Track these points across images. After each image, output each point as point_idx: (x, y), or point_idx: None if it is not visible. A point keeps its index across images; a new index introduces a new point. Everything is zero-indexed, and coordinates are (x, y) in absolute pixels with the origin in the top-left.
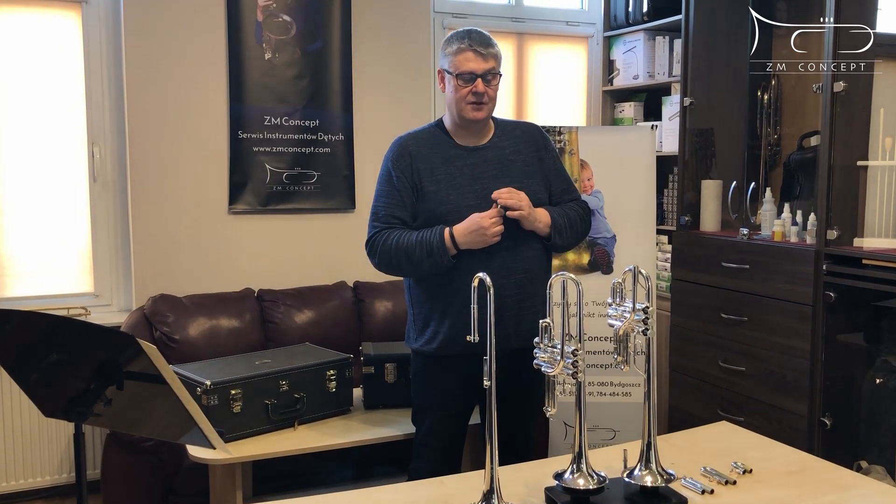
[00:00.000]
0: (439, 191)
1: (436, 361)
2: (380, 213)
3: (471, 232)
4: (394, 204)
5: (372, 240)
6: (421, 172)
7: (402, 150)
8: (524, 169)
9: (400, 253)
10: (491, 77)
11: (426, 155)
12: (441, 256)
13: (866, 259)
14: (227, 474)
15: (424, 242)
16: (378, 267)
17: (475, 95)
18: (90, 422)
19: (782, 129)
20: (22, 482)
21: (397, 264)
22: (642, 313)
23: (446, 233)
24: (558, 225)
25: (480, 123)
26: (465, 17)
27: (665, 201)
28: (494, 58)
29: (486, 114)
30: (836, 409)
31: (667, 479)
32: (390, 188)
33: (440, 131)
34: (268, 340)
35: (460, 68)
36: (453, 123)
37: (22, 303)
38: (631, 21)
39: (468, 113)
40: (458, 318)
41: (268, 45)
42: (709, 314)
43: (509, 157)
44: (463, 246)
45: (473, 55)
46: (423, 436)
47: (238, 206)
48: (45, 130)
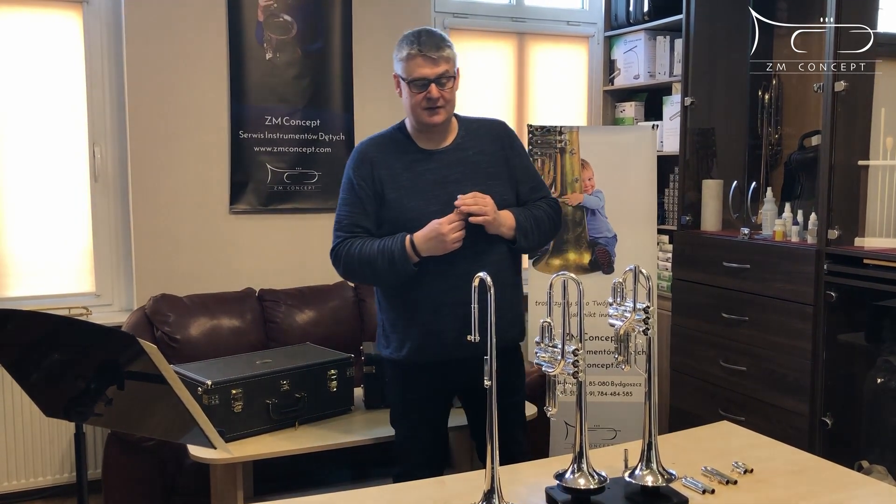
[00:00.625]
0: (402, 198)
1: (407, 369)
2: (343, 222)
3: (430, 239)
4: (356, 213)
5: (336, 249)
6: (383, 179)
7: (363, 157)
8: (488, 170)
9: (363, 263)
10: (445, 80)
11: (388, 161)
12: (403, 265)
13: (867, 259)
14: (228, 474)
15: (386, 251)
16: (344, 276)
17: (429, 101)
18: (91, 422)
19: (783, 128)
20: (23, 482)
21: (361, 274)
22: (643, 313)
23: (407, 240)
24: (523, 227)
25: (440, 127)
26: (465, 16)
27: (666, 201)
28: (447, 60)
29: (443, 117)
30: (837, 409)
31: (668, 479)
32: (352, 197)
33: (402, 135)
34: (269, 340)
35: (412, 75)
36: (414, 128)
37: (23, 303)
38: (632, 21)
39: (425, 118)
40: (424, 327)
41: (269, 44)
42: (710, 314)
43: (473, 158)
44: (424, 253)
45: (423, 60)
46: (403, 440)
47: (239, 205)
48: (46, 130)
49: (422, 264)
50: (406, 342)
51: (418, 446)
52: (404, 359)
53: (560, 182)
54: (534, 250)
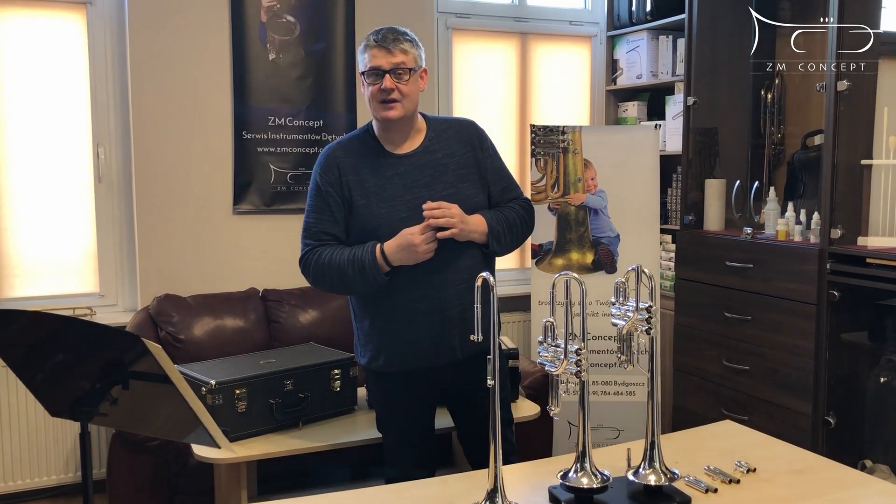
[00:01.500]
0: (370, 204)
1: (385, 378)
2: (311, 229)
3: (402, 249)
4: (325, 220)
5: (304, 258)
6: (350, 185)
7: (330, 162)
8: (458, 172)
9: (333, 272)
10: (401, 72)
11: (355, 165)
12: (374, 274)
13: (870, 258)
14: (232, 473)
15: (356, 260)
16: (314, 285)
17: (383, 92)
18: (96, 421)
19: (786, 127)
20: (28, 481)
21: (331, 283)
22: (646, 312)
23: (377, 249)
24: (495, 231)
25: (397, 123)
26: (468, 16)
27: (669, 200)
28: (404, 52)
29: (399, 112)
30: (840, 408)
31: (670, 478)
32: (320, 203)
33: (369, 137)
34: (272, 340)
35: (367, 66)
36: (378, 128)
37: (27, 303)
38: (634, 20)
39: (380, 112)
40: (399, 336)
41: (272, 45)
42: (712, 313)
43: (441, 161)
44: (395, 263)
45: (378, 51)
46: (391, 444)
47: (242, 206)
48: (49, 131)
49: (393, 273)
50: (382, 352)
51: (407, 449)
52: (381, 368)
53: (563, 182)
54: (507, 253)
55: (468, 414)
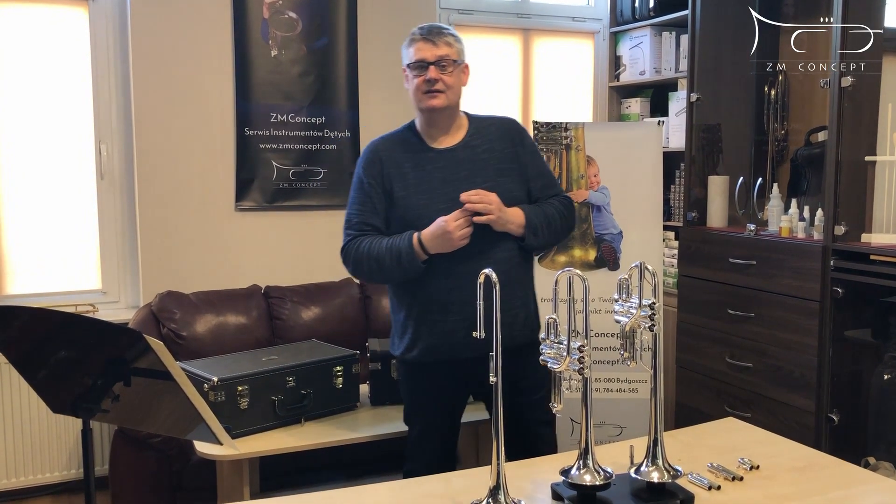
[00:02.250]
0: (409, 196)
1: (419, 368)
2: (353, 220)
3: (437, 236)
4: (366, 211)
5: (346, 248)
6: (392, 178)
7: (373, 156)
8: (497, 167)
9: (371, 260)
10: (445, 64)
11: (397, 159)
12: (410, 262)
13: (874, 255)
14: (235, 470)
15: (394, 249)
16: (353, 275)
17: (427, 83)
18: (98, 418)
19: (789, 124)
20: (31, 478)
21: (369, 272)
22: (649, 309)
23: (414, 238)
24: (533, 224)
25: (442, 115)
26: (471, 12)
27: (672, 197)
28: (448, 45)
29: (443, 102)
30: (844, 406)
31: (673, 476)
32: (362, 195)
33: (411, 133)
34: (274, 337)
35: (412, 58)
36: (421, 122)
37: (30, 300)
38: (637, 16)
39: (424, 102)
40: (434, 326)
41: (274, 42)
42: (716, 310)
43: (481, 156)
44: (431, 250)
45: (424, 44)
46: (415, 438)
47: (245, 203)
48: (52, 128)
49: (430, 263)
50: (417, 342)
51: (431, 445)
52: (415, 358)
53: (565, 178)
54: (545, 248)
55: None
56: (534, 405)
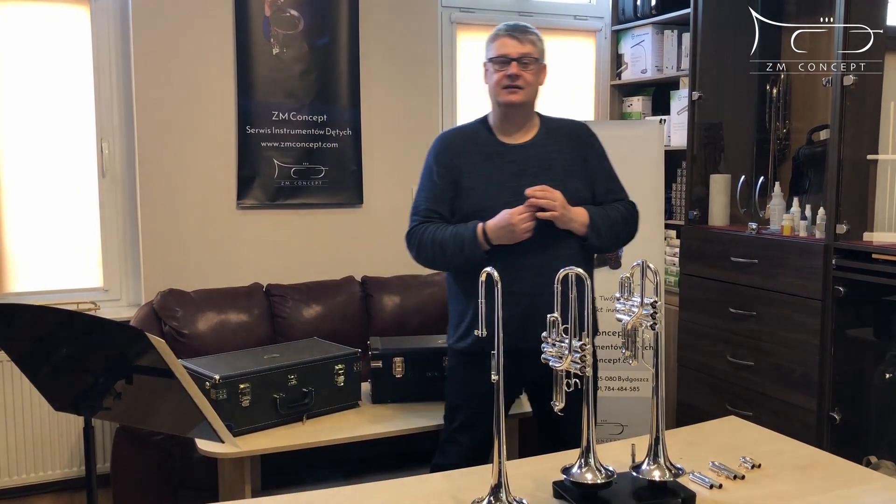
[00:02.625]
0: (476, 187)
1: (470, 359)
2: (420, 207)
3: (501, 227)
4: (433, 199)
5: (410, 233)
6: (461, 168)
7: (445, 146)
8: (566, 168)
9: (435, 246)
10: (527, 61)
11: (468, 151)
12: (472, 250)
13: (876, 253)
14: (236, 468)
15: (458, 236)
16: (416, 259)
17: (509, 78)
18: (100, 416)
19: (791, 122)
20: (33, 476)
21: (432, 257)
22: (650, 308)
23: (479, 228)
24: (596, 225)
25: (518, 111)
26: (472, 11)
27: (673, 196)
28: (532, 44)
29: (521, 98)
30: (846, 404)
31: (675, 474)
32: (431, 183)
33: (484, 128)
34: (276, 335)
35: (496, 52)
36: (495, 117)
37: (32, 298)
38: (639, 15)
39: (503, 96)
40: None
41: (275, 40)
42: (717, 309)
43: (551, 155)
44: (494, 241)
45: (509, 39)
46: (452, 432)
47: (246, 201)
48: (53, 126)
49: (491, 254)
50: (471, 330)
51: (467, 440)
52: (468, 348)
53: None
54: (606, 250)
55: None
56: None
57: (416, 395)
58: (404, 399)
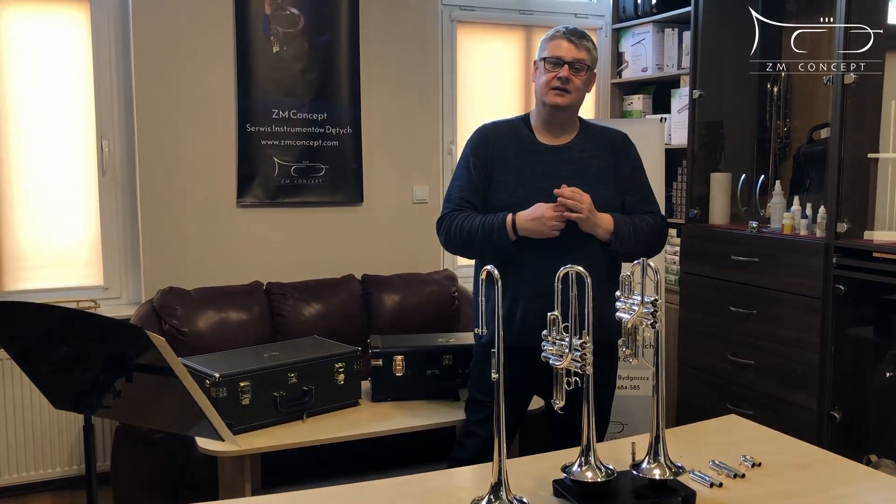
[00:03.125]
0: (508, 182)
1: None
2: (453, 195)
3: (532, 219)
4: (467, 188)
5: (442, 220)
6: (496, 162)
7: (483, 138)
8: (598, 174)
9: (464, 233)
10: (579, 67)
11: (504, 146)
12: (500, 239)
13: (876, 252)
14: (236, 466)
15: (487, 224)
16: (445, 246)
17: (560, 81)
18: (100, 414)
19: (792, 121)
20: (33, 474)
21: (461, 244)
22: (651, 306)
23: (508, 217)
24: (620, 232)
25: (562, 114)
26: (472, 9)
27: (674, 194)
28: (587, 51)
29: (568, 101)
30: (846, 403)
31: (675, 473)
32: (466, 173)
33: (524, 126)
34: (276, 333)
35: (551, 53)
36: (538, 116)
37: (32, 296)
38: (640, 13)
39: (550, 97)
40: (506, 310)
41: (276, 38)
42: (718, 307)
43: (585, 160)
44: (522, 231)
45: (567, 43)
46: (472, 424)
47: (246, 199)
48: (53, 124)
49: (518, 249)
50: (491, 324)
51: (487, 433)
52: (487, 341)
53: None
54: (629, 258)
55: None
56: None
57: (417, 393)
58: (404, 397)
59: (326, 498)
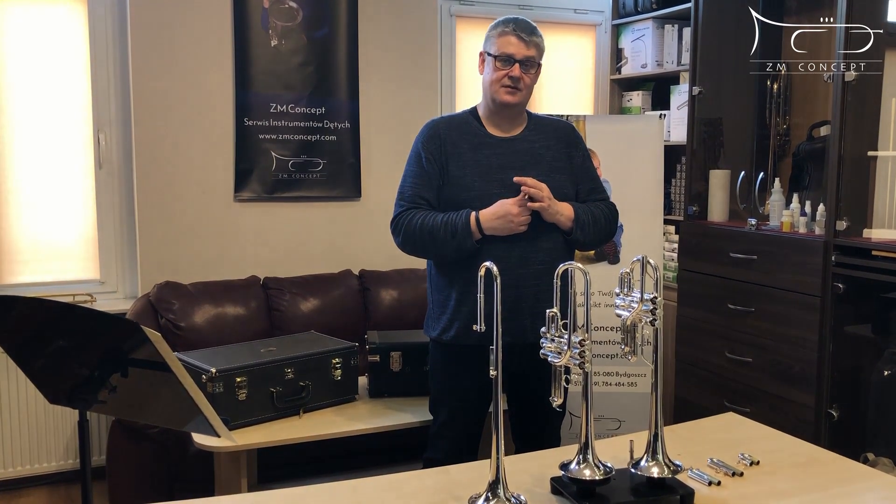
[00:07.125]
0: (465, 176)
1: (453, 351)
2: (406, 193)
3: (498, 217)
4: (420, 184)
5: (397, 219)
6: (449, 156)
7: (434, 133)
8: (552, 164)
9: (424, 233)
10: (529, 65)
11: (456, 140)
12: (464, 239)
13: (875, 250)
14: (232, 462)
15: (449, 224)
16: (402, 247)
17: (511, 79)
18: (95, 409)
19: (792, 118)
20: (28, 468)
21: (421, 245)
22: (650, 303)
23: (472, 216)
24: (581, 219)
25: (512, 110)
26: (471, 3)
27: (673, 191)
28: (536, 47)
29: (518, 99)
30: (844, 401)
31: (673, 471)
32: (419, 169)
33: (473, 118)
34: (273, 328)
35: (501, 50)
36: (486, 109)
37: (27, 289)
38: (640, 9)
39: (501, 95)
40: (474, 307)
41: (274, 31)
42: (716, 305)
43: (538, 150)
44: (488, 231)
45: (516, 39)
46: (439, 426)
47: (244, 193)
48: (50, 117)
49: (480, 244)
50: (454, 322)
51: (455, 433)
52: (451, 340)
53: None
54: (588, 246)
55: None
56: None
57: (414, 389)
58: (401, 393)
59: (323, 494)
